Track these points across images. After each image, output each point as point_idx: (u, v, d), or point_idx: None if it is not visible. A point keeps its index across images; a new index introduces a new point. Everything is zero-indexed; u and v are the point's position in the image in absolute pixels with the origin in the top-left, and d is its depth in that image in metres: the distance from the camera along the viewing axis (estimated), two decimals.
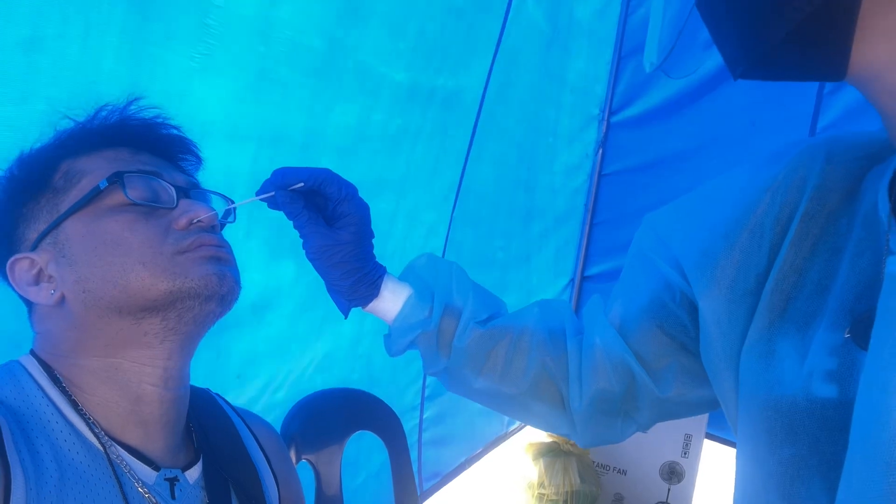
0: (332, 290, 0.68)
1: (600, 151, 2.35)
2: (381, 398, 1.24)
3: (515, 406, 0.74)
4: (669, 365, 0.65)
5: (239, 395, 1.16)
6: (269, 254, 1.14)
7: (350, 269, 0.65)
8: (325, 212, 0.66)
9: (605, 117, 2.31)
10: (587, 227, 2.42)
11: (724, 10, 0.42)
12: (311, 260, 0.66)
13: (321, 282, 0.68)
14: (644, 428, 0.72)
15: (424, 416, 1.88)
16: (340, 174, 0.65)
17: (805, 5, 0.37)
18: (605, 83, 2.26)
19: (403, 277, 0.73)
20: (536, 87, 1.93)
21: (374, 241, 0.69)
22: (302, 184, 0.63)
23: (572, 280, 2.47)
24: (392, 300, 0.69)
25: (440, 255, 1.75)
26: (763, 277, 0.53)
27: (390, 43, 1.25)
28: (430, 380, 1.84)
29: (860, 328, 0.43)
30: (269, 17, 0.98)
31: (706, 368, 0.59)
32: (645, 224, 0.67)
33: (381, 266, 0.70)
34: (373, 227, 0.67)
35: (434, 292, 0.71)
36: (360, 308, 0.70)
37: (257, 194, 0.64)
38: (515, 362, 0.70)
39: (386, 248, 1.50)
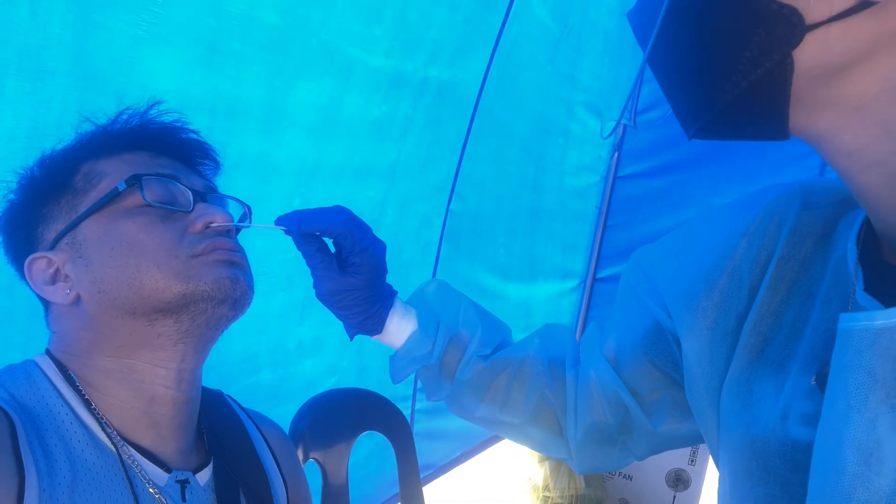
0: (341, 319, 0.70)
1: (616, 154, 2.33)
2: (371, 386, 1.24)
3: (515, 432, 0.75)
4: (662, 399, 0.67)
5: (211, 367, 1.16)
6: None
7: (358, 311, 0.66)
8: (339, 252, 0.66)
9: (632, 117, 2.28)
10: (600, 229, 2.41)
11: (672, 81, 0.47)
12: (321, 301, 0.67)
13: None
14: (640, 458, 0.73)
15: (418, 408, 1.89)
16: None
17: (741, 81, 0.40)
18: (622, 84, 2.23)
19: (412, 302, 0.73)
20: (543, 87, 1.92)
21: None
22: (318, 233, 0.63)
23: (583, 282, 2.46)
24: (397, 333, 0.70)
25: (435, 246, 1.76)
26: (743, 318, 0.54)
27: (362, 26, 1.25)
28: None
29: (824, 376, 0.44)
30: None
31: (690, 405, 0.61)
32: (632, 261, 0.69)
33: (391, 296, 0.70)
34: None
35: (440, 323, 0.72)
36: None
37: (276, 223, 0.64)
38: (515, 393, 0.72)
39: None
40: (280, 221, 0.63)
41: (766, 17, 0.38)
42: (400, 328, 0.70)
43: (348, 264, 0.64)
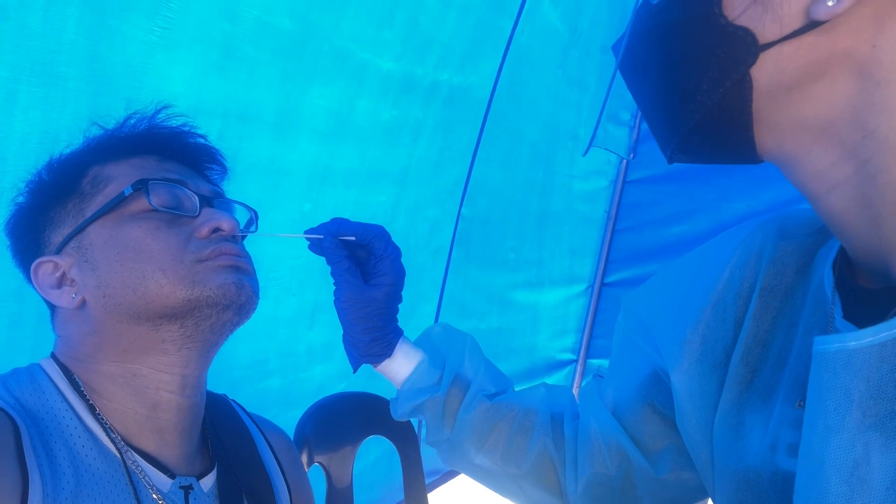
0: (348, 343, 0.70)
1: (625, 158, 2.32)
2: (380, 393, 1.24)
3: (513, 488, 0.74)
4: (666, 447, 0.66)
5: (220, 371, 1.16)
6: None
7: (371, 327, 0.67)
8: (364, 266, 0.68)
9: (637, 123, 2.27)
10: (609, 234, 2.39)
11: (648, 108, 0.49)
12: (338, 309, 0.67)
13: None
14: None
15: None
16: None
17: (705, 100, 0.43)
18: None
19: (418, 343, 0.74)
20: (553, 90, 1.92)
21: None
22: (353, 237, 0.66)
23: (591, 286, 2.44)
24: (404, 363, 0.71)
25: (446, 251, 1.76)
26: (730, 350, 0.55)
27: (373, 30, 1.25)
28: None
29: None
30: None
31: (685, 441, 0.60)
32: (625, 307, 0.69)
33: (399, 329, 0.72)
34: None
35: (446, 361, 0.72)
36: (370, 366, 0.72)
37: (306, 233, 0.66)
38: (518, 441, 0.71)
39: None
40: (320, 228, 0.66)
41: (723, 38, 0.41)
42: (408, 357, 0.71)
43: (373, 273, 0.66)
